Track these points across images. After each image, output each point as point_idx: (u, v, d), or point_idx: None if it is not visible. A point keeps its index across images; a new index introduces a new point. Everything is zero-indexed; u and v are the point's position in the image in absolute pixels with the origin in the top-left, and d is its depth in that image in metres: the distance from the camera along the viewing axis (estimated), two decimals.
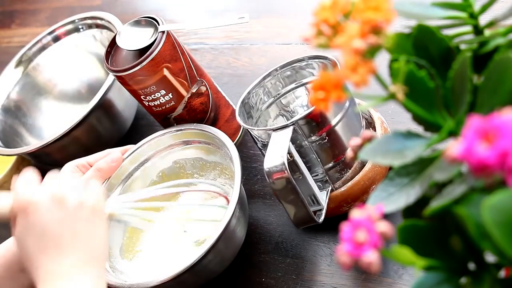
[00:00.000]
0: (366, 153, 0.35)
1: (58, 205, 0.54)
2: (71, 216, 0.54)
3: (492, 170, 0.25)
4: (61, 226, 0.54)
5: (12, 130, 0.92)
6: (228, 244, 0.64)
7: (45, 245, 0.53)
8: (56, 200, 0.54)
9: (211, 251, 0.60)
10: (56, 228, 0.54)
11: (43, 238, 0.53)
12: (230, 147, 0.67)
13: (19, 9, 1.33)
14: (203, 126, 0.72)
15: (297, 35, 0.88)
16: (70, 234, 0.54)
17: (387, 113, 0.71)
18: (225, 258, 0.65)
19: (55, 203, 0.54)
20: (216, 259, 0.63)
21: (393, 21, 0.30)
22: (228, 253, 0.65)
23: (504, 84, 0.31)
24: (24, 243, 0.54)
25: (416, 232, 0.33)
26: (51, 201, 0.54)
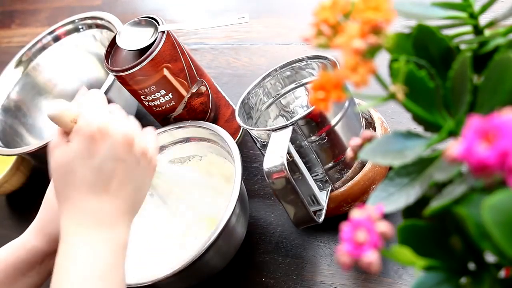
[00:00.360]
0: (366, 153, 0.35)
1: (126, 147, 0.51)
2: (133, 163, 0.52)
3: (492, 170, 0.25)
4: (119, 169, 0.51)
5: (12, 130, 0.92)
6: (228, 241, 0.64)
7: (95, 180, 0.50)
8: (126, 141, 0.51)
9: (211, 248, 0.60)
10: (114, 169, 0.51)
11: (97, 173, 0.50)
12: (230, 143, 0.68)
13: (19, 9, 1.33)
14: (204, 123, 0.72)
15: (297, 35, 0.88)
16: (124, 179, 0.52)
17: (387, 113, 0.71)
18: (226, 255, 0.65)
19: (124, 144, 0.51)
20: (216, 256, 0.63)
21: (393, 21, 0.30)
22: (228, 250, 0.65)
23: (504, 84, 0.31)
24: (73, 168, 0.50)
25: (416, 232, 0.33)
26: (122, 140, 0.51)
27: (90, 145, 0.50)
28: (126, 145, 0.51)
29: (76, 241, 0.50)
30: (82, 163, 0.50)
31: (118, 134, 0.51)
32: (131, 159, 0.52)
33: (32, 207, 0.65)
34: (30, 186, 0.94)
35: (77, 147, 0.50)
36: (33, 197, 0.66)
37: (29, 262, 0.60)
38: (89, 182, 0.50)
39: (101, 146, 0.50)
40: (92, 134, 0.50)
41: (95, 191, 0.50)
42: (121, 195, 0.52)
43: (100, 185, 0.50)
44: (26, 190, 0.94)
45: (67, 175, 0.50)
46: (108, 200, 0.51)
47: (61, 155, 0.51)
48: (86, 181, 0.50)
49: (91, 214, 0.50)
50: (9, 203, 0.96)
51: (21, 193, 0.95)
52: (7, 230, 0.92)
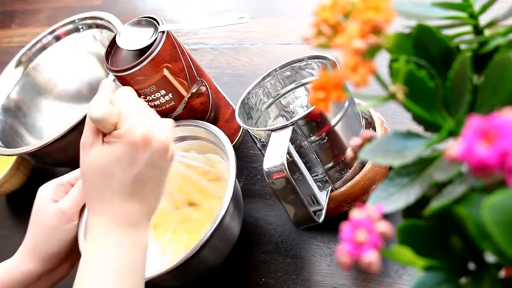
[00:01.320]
0: (366, 153, 0.35)
1: (163, 155, 0.53)
2: (164, 169, 0.54)
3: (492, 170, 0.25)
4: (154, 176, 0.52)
5: (12, 130, 0.92)
6: (223, 239, 0.64)
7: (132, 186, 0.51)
8: (164, 150, 0.53)
9: (204, 246, 0.60)
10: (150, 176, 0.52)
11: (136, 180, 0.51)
12: (225, 142, 0.68)
13: (19, 9, 1.33)
14: (200, 122, 0.72)
15: (297, 35, 0.88)
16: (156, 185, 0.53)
17: (387, 113, 0.71)
18: (221, 252, 0.66)
19: (162, 153, 0.52)
20: (211, 254, 0.63)
21: (393, 21, 0.30)
22: (223, 247, 0.65)
23: (504, 84, 0.31)
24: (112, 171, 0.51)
25: (416, 232, 0.33)
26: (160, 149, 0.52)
27: (132, 152, 0.50)
28: (163, 153, 0.53)
29: (106, 238, 0.51)
30: (122, 169, 0.51)
31: (158, 143, 0.52)
32: (164, 166, 0.54)
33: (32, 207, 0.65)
34: (30, 186, 0.94)
35: (119, 152, 0.50)
36: (33, 197, 0.66)
37: (24, 283, 0.60)
38: (126, 187, 0.51)
39: (142, 155, 0.51)
40: (135, 142, 0.50)
41: (130, 196, 0.51)
42: (151, 199, 0.53)
43: (136, 191, 0.52)
44: (26, 190, 0.94)
45: (105, 177, 0.51)
46: (138, 203, 0.52)
47: (99, 155, 0.51)
48: (123, 186, 0.51)
49: (122, 215, 0.51)
50: (9, 203, 0.96)
51: (21, 193, 0.95)
52: (7, 230, 0.92)
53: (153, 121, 0.53)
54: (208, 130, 0.71)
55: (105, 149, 0.51)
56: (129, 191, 0.51)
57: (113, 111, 0.51)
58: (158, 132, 0.52)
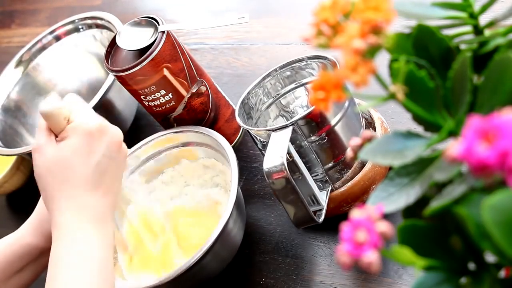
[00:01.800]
0: (366, 153, 0.35)
1: (118, 146, 0.54)
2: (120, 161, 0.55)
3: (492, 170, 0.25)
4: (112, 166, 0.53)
5: (12, 130, 0.92)
6: (225, 247, 0.64)
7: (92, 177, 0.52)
8: (118, 141, 0.54)
9: (208, 253, 0.60)
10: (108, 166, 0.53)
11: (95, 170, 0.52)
12: (227, 149, 0.67)
13: (19, 9, 1.33)
14: (201, 128, 0.72)
15: (297, 35, 0.88)
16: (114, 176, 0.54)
17: (387, 113, 0.71)
18: (223, 260, 0.65)
19: (117, 144, 0.54)
20: (213, 262, 0.63)
21: (393, 21, 0.30)
22: (225, 255, 0.65)
23: (504, 84, 0.31)
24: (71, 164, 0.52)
25: (416, 232, 0.33)
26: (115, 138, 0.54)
27: (89, 142, 0.52)
28: (118, 144, 0.54)
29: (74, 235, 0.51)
30: (80, 159, 0.52)
31: (112, 133, 0.54)
32: (120, 158, 0.55)
33: (32, 207, 0.65)
34: (30, 186, 0.94)
35: (76, 143, 0.51)
36: (33, 197, 0.66)
37: (24, 258, 0.60)
38: (87, 178, 0.52)
39: (99, 144, 0.52)
40: (91, 132, 0.52)
41: (91, 187, 0.52)
42: (111, 191, 0.54)
43: (96, 182, 0.52)
44: (26, 190, 0.94)
45: (63, 171, 0.51)
46: (101, 196, 0.52)
47: (56, 152, 0.52)
48: (84, 177, 0.52)
49: (87, 209, 0.52)
50: (9, 203, 0.96)
51: (21, 193, 0.95)
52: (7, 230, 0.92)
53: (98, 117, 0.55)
54: (209, 136, 0.71)
55: (60, 145, 0.52)
56: (91, 182, 0.52)
57: (63, 105, 0.53)
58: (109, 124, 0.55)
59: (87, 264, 0.49)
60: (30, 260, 0.61)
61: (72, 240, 0.50)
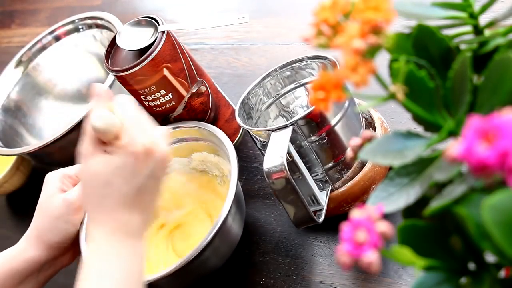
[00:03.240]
0: (366, 153, 0.35)
1: (164, 167, 0.53)
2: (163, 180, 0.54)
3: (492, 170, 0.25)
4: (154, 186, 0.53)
5: (12, 130, 0.92)
6: (224, 241, 0.64)
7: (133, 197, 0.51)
8: (165, 162, 0.53)
9: (207, 248, 0.60)
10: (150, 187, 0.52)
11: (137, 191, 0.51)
12: (227, 144, 0.68)
13: (19, 9, 1.33)
14: (201, 124, 0.72)
15: (297, 35, 0.88)
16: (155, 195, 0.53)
17: (387, 113, 0.71)
18: (222, 254, 0.65)
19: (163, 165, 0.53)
20: (212, 256, 0.63)
21: (393, 21, 0.30)
22: (225, 249, 0.65)
23: (504, 84, 0.31)
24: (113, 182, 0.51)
25: (416, 232, 0.33)
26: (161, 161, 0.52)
27: (134, 164, 0.51)
28: (164, 165, 0.53)
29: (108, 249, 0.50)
30: (123, 179, 0.51)
31: (159, 156, 0.52)
32: (163, 177, 0.54)
33: (32, 207, 0.65)
34: (30, 186, 0.94)
35: (121, 163, 0.50)
36: (33, 197, 0.66)
37: (27, 271, 0.60)
38: (127, 198, 0.51)
39: (144, 166, 0.51)
40: (137, 154, 0.51)
41: (131, 207, 0.51)
42: (150, 209, 0.53)
43: (137, 202, 0.51)
44: (26, 190, 0.94)
45: (106, 187, 0.51)
46: (138, 214, 0.52)
47: (100, 165, 0.51)
48: (124, 197, 0.51)
49: (123, 226, 0.51)
50: (9, 203, 0.96)
51: (21, 193, 0.95)
52: (7, 230, 0.92)
53: (153, 132, 0.53)
54: (209, 131, 0.71)
55: (106, 159, 0.51)
56: (131, 202, 0.51)
57: (116, 122, 0.51)
58: (159, 143, 0.52)
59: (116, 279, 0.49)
60: (32, 272, 0.61)
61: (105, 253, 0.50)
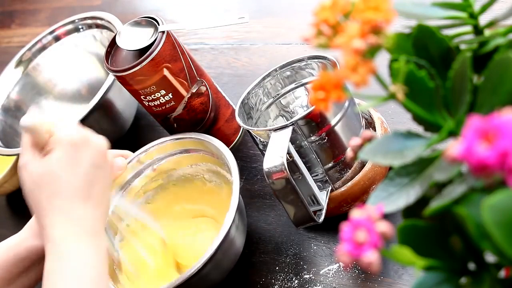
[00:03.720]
0: (366, 153, 0.35)
1: (103, 155, 0.54)
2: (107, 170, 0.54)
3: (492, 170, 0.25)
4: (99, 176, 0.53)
5: (12, 130, 0.92)
6: (227, 254, 0.63)
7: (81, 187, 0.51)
8: (103, 150, 0.54)
9: (209, 261, 0.59)
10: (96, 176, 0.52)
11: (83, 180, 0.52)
12: (227, 155, 0.67)
13: (19, 9, 1.33)
14: (201, 135, 0.72)
15: (297, 35, 0.88)
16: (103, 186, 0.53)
17: (387, 113, 0.71)
18: (224, 268, 0.65)
19: (102, 152, 0.54)
20: (214, 270, 0.62)
21: (393, 21, 0.30)
22: (226, 263, 0.64)
23: (504, 84, 0.31)
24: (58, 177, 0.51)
25: (416, 232, 0.33)
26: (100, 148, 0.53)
27: (74, 153, 0.52)
28: (103, 153, 0.54)
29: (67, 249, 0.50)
30: (67, 171, 0.51)
31: (96, 143, 0.53)
32: (106, 168, 0.54)
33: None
34: None
35: (60, 156, 0.51)
36: None
37: (29, 259, 0.60)
38: (76, 189, 0.51)
39: (84, 154, 0.52)
40: (75, 142, 0.52)
41: (81, 198, 0.51)
42: (102, 202, 0.53)
43: (85, 192, 0.52)
44: None
45: (51, 184, 0.51)
46: (91, 207, 0.52)
47: (42, 166, 0.52)
48: (73, 188, 0.51)
49: (78, 222, 0.51)
50: (9, 203, 0.96)
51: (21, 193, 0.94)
52: (7, 230, 0.92)
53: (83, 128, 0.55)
54: (210, 142, 0.70)
55: (46, 159, 0.52)
56: (80, 193, 0.51)
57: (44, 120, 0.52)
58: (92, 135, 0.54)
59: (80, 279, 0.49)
60: (34, 261, 0.61)
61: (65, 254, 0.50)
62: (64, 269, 0.49)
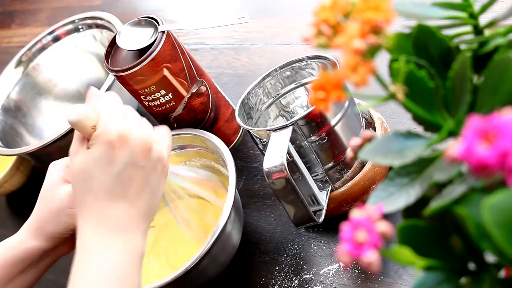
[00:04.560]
0: (366, 153, 0.35)
1: (145, 153, 0.52)
2: (150, 169, 0.52)
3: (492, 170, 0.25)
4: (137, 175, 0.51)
5: (12, 130, 0.92)
6: (223, 250, 0.63)
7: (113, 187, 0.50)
8: (144, 148, 0.52)
9: (205, 256, 0.60)
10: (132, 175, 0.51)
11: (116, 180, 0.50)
12: (224, 151, 0.67)
13: (19, 9, 1.33)
14: (198, 131, 0.72)
15: (297, 35, 0.88)
16: (141, 186, 0.52)
17: (387, 113, 0.71)
18: (220, 263, 0.65)
19: (142, 151, 0.51)
20: (211, 265, 0.63)
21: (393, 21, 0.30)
22: (222, 258, 0.65)
23: (504, 84, 0.31)
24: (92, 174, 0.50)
25: (416, 232, 0.32)
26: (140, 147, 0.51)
27: (109, 152, 0.50)
28: (144, 151, 0.52)
29: (94, 247, 0.50)
30: (101, 170, 0.50)
31: (136, 141, 0.51)
32: (149, 165, 0.52)
33: (32, 207, 0.65)
34: (30, 186, 0.94)
35: (96, 153, 0.50)
36: (33, 197, 0.66)
37: (27, 260, 0.60)
38: (108, 188, 0.50)
39: (121, 153, 0.50)
40: (111, 141, 0.50)
41: (113, 198, 0.50)
42: (139, 201, 0.52)
43: (119, 192, 0.51)
44: (26, 190, 0.94)
45: (86, 181, 0.51)
46: (125, 206, 0.51)
47: (80, 161, 0.51)
48: (105, 187, 0.50)
49: (108, 220, 0.50)
50: (9, 203, 0.96)
51: (21, 193, 0.95)
52: (7, 230, 0.92)
53: (131, 120, 0.52)
54: (207, 138, 0.70)
55: (86, 153, 0.51)
56: (112, 192, 0.50)
57: (90, 114, 0.51)
58: (136, 130, 0.52)
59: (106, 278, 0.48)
60: (32, 262, 0.61)
61: (92, 251, 0.49)
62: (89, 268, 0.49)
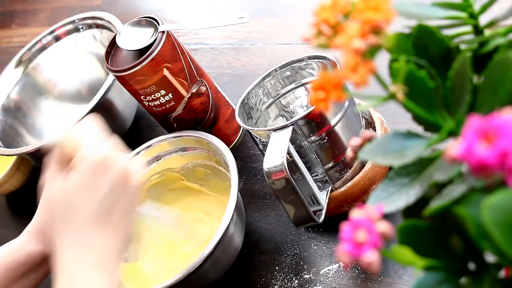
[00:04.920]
0: (366, 153, 0.35)
1: (126, 180, 0.51)
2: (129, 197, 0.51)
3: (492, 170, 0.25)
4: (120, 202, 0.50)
5: (12, 130, 0.92)
6: (225, 252, 0.63)
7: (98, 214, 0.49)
8: (126, 175, 0.51)
9: (208, 259, 0.59)
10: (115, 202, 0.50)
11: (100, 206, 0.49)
12: (226, 154, 0.67)
13: (19, 9, 1.33)
14: (200, 133, 0.72)
15: (297, 35, 0.88)
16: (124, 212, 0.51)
17: (387, 113, 0.71)
18: (222, 266, 0.65)
19: (124, 178, 0.51)
20: (212, 268, 0.62)
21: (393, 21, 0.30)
22: (225, 261, 0.65)
23: (504, 84, 0.31)
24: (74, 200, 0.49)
25: (416, 232, 0.33)
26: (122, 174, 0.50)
27: (93, 177, 0.49)
28: (125, 178, 0.51)
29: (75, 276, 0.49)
30: (83, 196, 0.49)
31: (118, 167, 0.51)
32: (128, 194, 0.52)
33: (32, 207, 0.65)
34: (30, 186, 0.94)
35: (78, 180, 0.49)
36: (33, 197, 0.66)
37: (28, 264, 0.60)
38: (92, 216, 0.49)
39: (103, 179, 0.50)
40: (95, 166, 0.49)
41: (97, 226, 0.49)
42: (121, 228, 0.51)
43: (102, 220, 0.50)
44: (26, 190, 0.94)
45: (68, 207, 0.50)
46: (109, 233, 0.50)
47: (60, 186, 0.50)
48: (88, 215, 0.49)
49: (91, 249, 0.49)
50: (9, 203, 0.96)
51: (21, 193, 0.95)
52: (7, 230, 0.92)
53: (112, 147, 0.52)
54: (209, 140, 0.70)
55: (65, 180, 0.50)
56: (96, 220, 0.49)
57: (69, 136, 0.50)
58: (116, 157, 0.51)
59: None
60: (33, 266, 0.60)
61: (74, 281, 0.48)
62: None
